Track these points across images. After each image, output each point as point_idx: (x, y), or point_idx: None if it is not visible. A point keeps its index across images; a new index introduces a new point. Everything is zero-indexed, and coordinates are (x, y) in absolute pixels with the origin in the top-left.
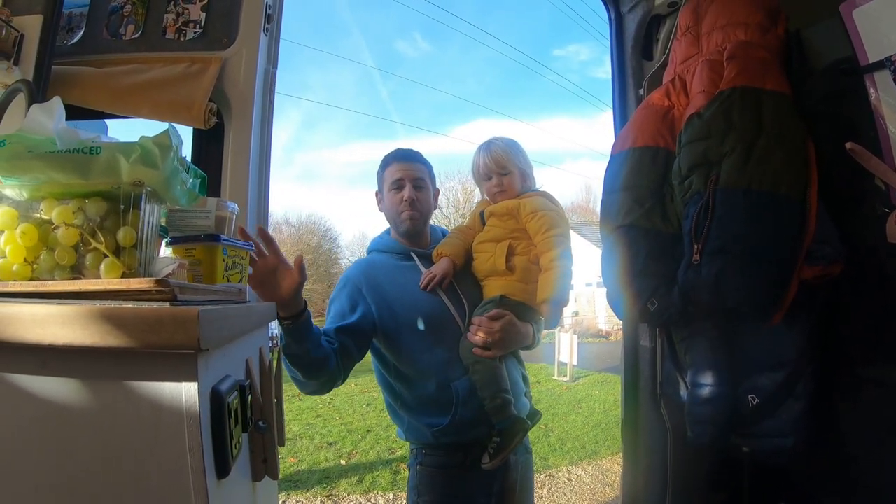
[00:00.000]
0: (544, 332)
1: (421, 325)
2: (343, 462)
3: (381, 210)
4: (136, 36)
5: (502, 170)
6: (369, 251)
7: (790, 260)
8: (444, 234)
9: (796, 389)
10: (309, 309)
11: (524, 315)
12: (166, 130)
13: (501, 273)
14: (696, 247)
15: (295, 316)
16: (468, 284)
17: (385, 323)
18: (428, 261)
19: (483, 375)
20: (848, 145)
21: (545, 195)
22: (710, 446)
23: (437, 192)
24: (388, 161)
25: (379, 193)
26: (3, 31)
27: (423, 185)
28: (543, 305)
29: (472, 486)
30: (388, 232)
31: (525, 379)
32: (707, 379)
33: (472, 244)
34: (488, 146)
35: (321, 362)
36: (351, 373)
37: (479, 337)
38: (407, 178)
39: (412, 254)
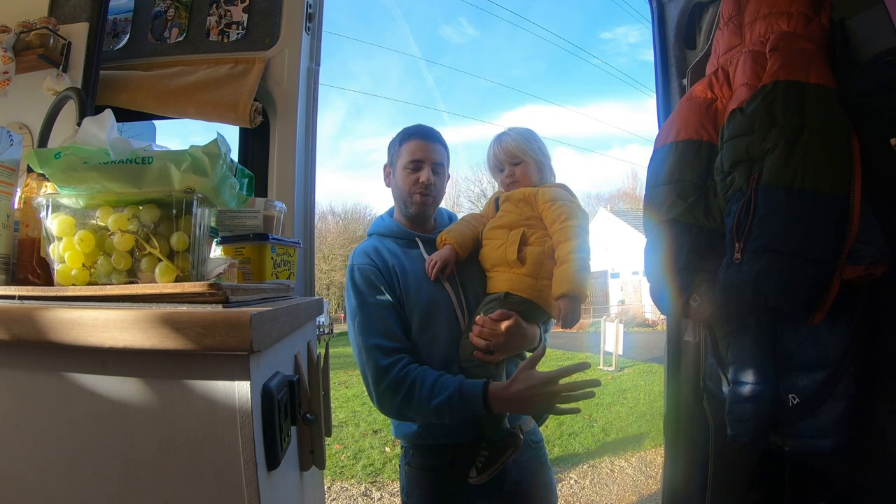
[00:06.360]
0: (589, 321)
1: (420, 316)
2: (387, 449)
3: (388, 185)
4: (180, 39)
5: (514, 160)
6: (370, 234)
7: (832, 260)
8: (450, 217)
9: (837, 390)
10: None
11: (531, 315)
12: (215, 139)
13: (511, 264)
14: (737, 245)
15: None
16: (472, 276)
17: None
18: (432, 247)
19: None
20: (893, 141)
21: (563, 187)
22: (750, 444)
23: (448, 176)
24: (407, 135)
25: (389, 167)
26: (51, 40)
27: (441, 169)
28: (560, 301)
29: (462, 488)
30: (390, 213)
31: None
32: (748, 377)
33: (483, 230)
34: (500, 137)
35: None
36: None
37: (481, 339)
38: (427, 161)
39: (417, 240)
